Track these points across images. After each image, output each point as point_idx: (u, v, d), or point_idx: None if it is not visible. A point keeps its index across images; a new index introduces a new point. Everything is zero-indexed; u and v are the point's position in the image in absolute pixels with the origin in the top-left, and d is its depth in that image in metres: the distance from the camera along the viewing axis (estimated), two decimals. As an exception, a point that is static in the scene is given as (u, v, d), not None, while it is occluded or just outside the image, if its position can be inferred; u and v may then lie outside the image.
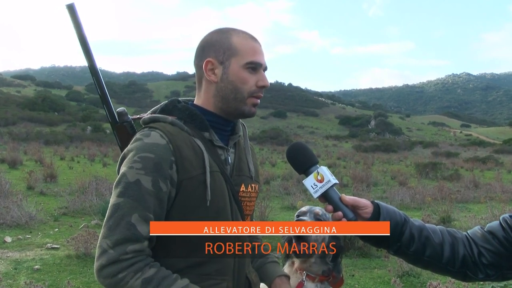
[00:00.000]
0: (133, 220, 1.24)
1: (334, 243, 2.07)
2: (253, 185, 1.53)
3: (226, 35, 1.42)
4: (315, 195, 1.38)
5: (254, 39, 1.44)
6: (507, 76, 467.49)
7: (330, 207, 1.40)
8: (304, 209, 2.12)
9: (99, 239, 1.27)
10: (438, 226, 1.50)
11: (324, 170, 1.38)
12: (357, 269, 5.96)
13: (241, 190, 1.47)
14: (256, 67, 1.41)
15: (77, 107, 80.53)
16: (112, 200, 1.28)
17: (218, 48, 1.41)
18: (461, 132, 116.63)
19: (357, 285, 5.35)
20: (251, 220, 1.57)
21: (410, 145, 54.23)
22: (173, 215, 1.32)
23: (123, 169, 1.30)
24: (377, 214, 1.41)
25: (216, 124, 1.45)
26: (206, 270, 1.35)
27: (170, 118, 1.39)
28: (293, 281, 2.01)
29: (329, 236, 2.03)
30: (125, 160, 1.32)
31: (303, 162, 1.43)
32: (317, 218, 2.05)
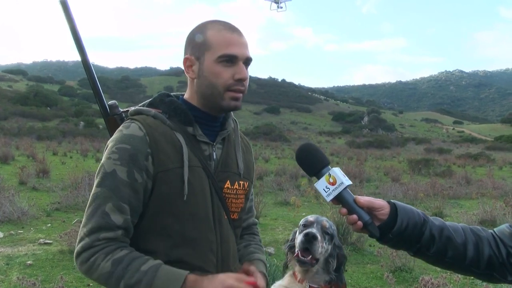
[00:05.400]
0: (107, 209, 1.28)
1: (337, 253, 2.08)
2: (240, 182, 1.50)
3: (201, 29, 1.40)
4: (328, 199, 1.31)
5: (230, 29, 1.39)
6: (499, 73, 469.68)
7: (344, 210, 1.33)
8: (311, 218, 2.09)
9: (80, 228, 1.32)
10: (460, 224, 1.41)
11: (336, 171, 1.32)
12: (350, 264, 5.99)
13: (225, 186, 1.45)
14: (231, 59, 1.36)
15: (69, 102, 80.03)
16: (93, 189, 1.32)
17: (194, 44, 1.40)
18: (453, 128, 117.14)
19: (350, 280, 5.38)
20: (240, 217, 1.54)
21: (403, 141, 54.50)
22: (151, 207, 1.34)
23: (102, 159, 1.33)
24: (394, 215, 1.32)
25: (203, 119, 1.44)
26: (188, 267, 1.34)
27: (153, 111, 1.41)
28: None
29: (332, 246, 2.06)
30: (106, 151, 1.35)
31: (313, 165, 1.35)
32: (324, 231, 2.05)
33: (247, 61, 1.40)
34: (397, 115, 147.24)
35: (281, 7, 34.00)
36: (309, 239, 1.95)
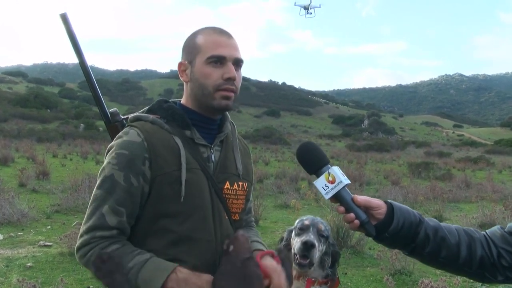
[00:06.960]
0: (103, 211, 1.35)
1: (331, 250, 2.16)
2: (240, 183, 1.54)
3: (194, 35, 1.48)
4: (327, 197, 1.35)
5: (220, 33, 1.46)
6: (499, 77, 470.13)
7: (342, 209, 1.36)
8: (306, 222, 2.17)
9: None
10: (454, 225, 1.44)
11: (335, 170, 1.35)
12: (350, 267, 5.99)
13: (225, 187, 1.49)
14: (220, 60, 1.42)
15: (70, 104, 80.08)
16: (94, 190, 1.40)
17: (187, 50, 1.48)
18: (453, 132, 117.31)
19: (349, 283, 5.38)
20: (241, 218, 1.58)
21: (403, 144, 54.50)
22: (148, 209, 1.39)
23: (104, 163, 1.40)
24: (390, 215, 1.35)
25: (200, 122, 1.49)
26: (185, 265, 1.37)
27: (151, 117, 1.46)
28: (293, 286, 2.06)
29: (327, 245, 2.15)
30: (107, 155, 1.41)
31: (313, 163, 1.39)
32: (320, 234, 2.13)
33: (237, 62, 1.45)
34: (397, 119, 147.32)
35: (310, 13, 36.53)
36: (308, 247, 2.03)
